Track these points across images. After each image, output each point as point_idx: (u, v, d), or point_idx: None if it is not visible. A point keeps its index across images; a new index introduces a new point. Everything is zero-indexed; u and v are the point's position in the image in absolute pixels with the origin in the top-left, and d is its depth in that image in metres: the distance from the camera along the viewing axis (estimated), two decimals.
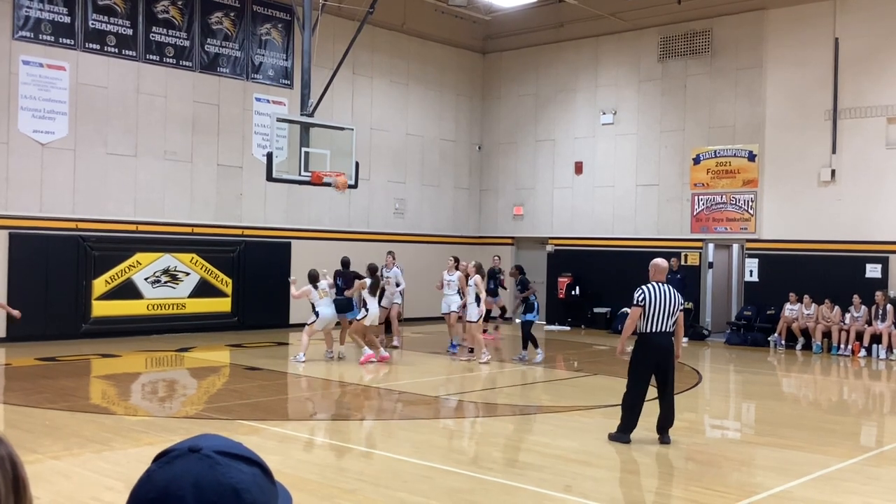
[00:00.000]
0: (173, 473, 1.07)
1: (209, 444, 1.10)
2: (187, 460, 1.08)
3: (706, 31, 20.37)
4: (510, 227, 23.95)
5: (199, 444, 1.10)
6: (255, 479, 1.09)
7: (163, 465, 1.09)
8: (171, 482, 1.06)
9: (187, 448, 1.10)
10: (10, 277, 15.86)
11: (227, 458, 1.08)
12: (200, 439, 1.12)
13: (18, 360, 13.86)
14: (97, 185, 16.98)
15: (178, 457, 1.09)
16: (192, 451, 1.09)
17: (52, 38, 16.31)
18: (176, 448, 1.11)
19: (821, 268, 18.31)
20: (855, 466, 8.15)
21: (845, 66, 18.33)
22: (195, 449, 1.09)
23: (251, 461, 1.11)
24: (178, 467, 1.07)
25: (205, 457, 1.08)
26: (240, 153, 19.16)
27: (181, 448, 1.10)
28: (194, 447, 1.09)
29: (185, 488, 1.05)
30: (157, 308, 17.59)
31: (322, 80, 16.08)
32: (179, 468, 1.07)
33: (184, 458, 1.08)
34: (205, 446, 1.09)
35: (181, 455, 1.09)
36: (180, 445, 1.11)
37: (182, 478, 1.05)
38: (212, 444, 1.10)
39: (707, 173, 20.25)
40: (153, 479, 1.08)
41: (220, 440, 1.12)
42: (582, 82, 22.53)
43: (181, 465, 1.07)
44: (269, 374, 13.33)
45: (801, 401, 13.40)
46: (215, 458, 1.08)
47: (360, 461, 8.21)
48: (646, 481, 7.44)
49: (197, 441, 1.11)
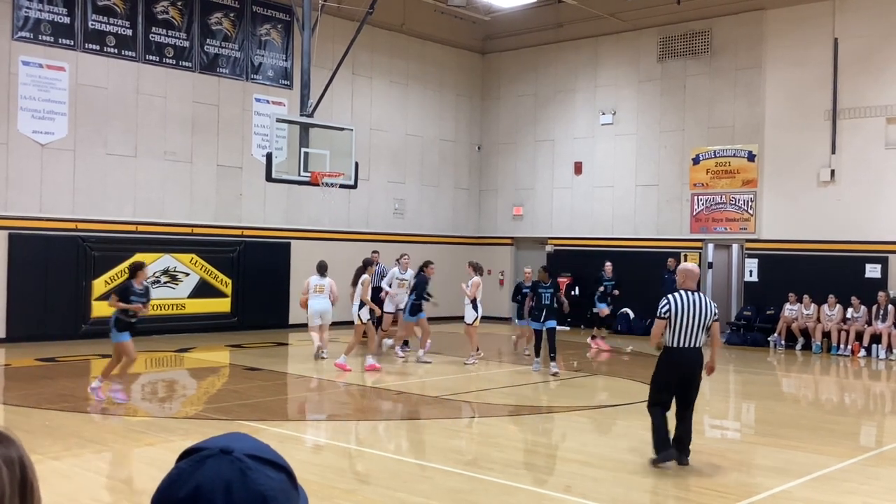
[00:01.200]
0: (204, 475, 1.06)
1: (240, 447, 1.10)
2: (219, 462, 1.08)
3: (705, 31, 20.39)
4: (510, 227, 23.96)
5: (231, 445, 1.10)
6: (282, 486, 1.09)
7: (193, 463, 1.09)
8: (202, 484, 1.06)
9: (219, 449, 1.09)
10: (10, 278, 15.86)
11: (257, 463, 1.08)
12: (232, 440, 1.12)
13: (18, 361, 13.86)
14: (97, 186, 16.98)
15: (209, 457, 1.09)
16: (224, 453, 1.09)
17: (51, 39, 16.31)
18: (207, 447, 1.10)
19: (820, 268, 18.32)
20: (855, 466, 8.15)
21: (845, 66, 18.34)
22: (227, 451, 1.09)
23: (279, 466, 1.11)
24: (210, 469, 1.07)
25: (236, 460, 1.08)
26: (239, 153, 19.17)
27: (212, 448, 1.10)
28: (226, 449, 1.09)
29: (216, 492, 1.05)
30: (157, 308, 17.58)
31: (321, 80, 16.09)
32: (211, 470, 1.07)
33: (215, 460, 1.08)
34: (236, 448, 1.09)
35: (212, 456, 1.09)
36: (211, 444, 1.11)
37: (213, 481, 1.05)
38: (243, 447, 1.10)
39: (706, 173, 20.25)
40: (183, 477, 1.08)
41: (250, 442, 1.12)
42: (581, 82, 22.54)
43: (213, 466, 1.07)
44: (269, 375, 13.33)
45: (800, 401, 13.40)
46: (247, 462, 1.08)
47: (359, 461, 8.22)
48: (645, 481, 7.45)
49: (229, 442, 1.11)
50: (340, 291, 15.35)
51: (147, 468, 7.78)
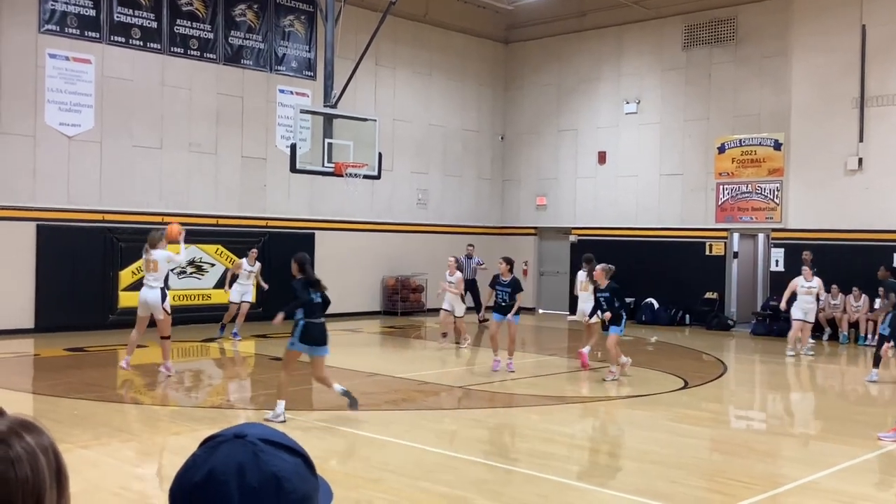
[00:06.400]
0: (218, 458, 1.10)
1: (254, 432, 1.13)
2: (232, 446, 1.11)
3: (731, 18, 20.18)
4: (533, 217, 23.90)
5: (245, 431, 1.14)
6: (296, 469, 1.12)
7: (208, 449, 1.12)
8: (215, 467, 1.09)
9: (232, 434, 1.13)
10: (38, 269, 16.05)
11: (270, 447, 1.12)
12: (245, 427, 1.15)
13: (47, 351, 14.03)
14: (123, 177, 17.13)
15: (223, 442, 1.12)
16: (237, 438, 1.12)
17: (77, 32, 16.44)
18: (222, 434, 1.14)
19: (847, 257, 18.11)
20: (882, 457, 8.08)
21: (872, 53, 18.09)
22: (240, 435, 1.13)
23: (294, 451, 1.14)
24: (223, 452, 1.11)
25: (249, 444, 1.11)
26: (263, 145, 19.25)
27: (226, 434, 1.14)
28: (239, 434, 1.13)
29: (228, 473, 1.08)
30: (183, 299, 17.73)
31: (345, 71, 16.11)
32: (224, 453, 1.10)
33: (229, 444, 1.12)
34: (249, 433, 1.13)
35: (226, 441, 1.12)
36: (226, 432, 1.15)
37: (226, 463, 1.09)
38: (256, 433, 1.14)
39: (732, 162, 20.08)
40: (198, 463, 1.11)
41: (264, 429, 1.16)
42: (605, 71, 22.40)
43: (226, 450, 1.11)
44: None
45: (827, 391, 13.29)
46: (259, 445, 1.11)
47: (383, 451, 8.25)
48: (671, 472, 7.42)
49: (242, 428, 1.15)
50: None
51: (174, 457, 7.86)
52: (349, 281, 20.37)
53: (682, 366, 14.08)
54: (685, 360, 15.11)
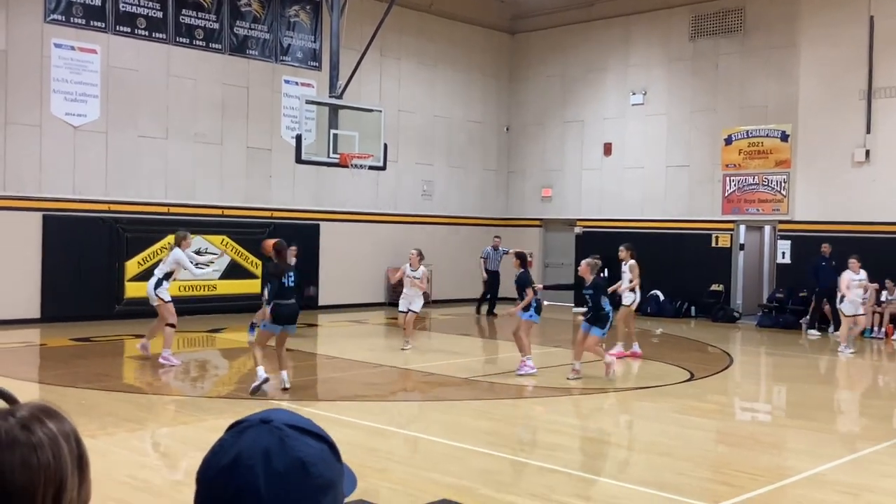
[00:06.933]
0: (244, 443, 1.10)
1: (280, 418, 1.14)
2: (258, 431, 1.12)
3: (739, 9, 20.09)
4: (538, 208, 23.86)
5: (271, 416, 1.14)
6: (322, 455, 1.13)
7: (235, 434, 1.13)
8: (242, 451, 1.09)
9: (259, 420, 1.14)
10: (45, 259, 16.08)
11: (296, 432, 1.12)
12: (272, 412, 1.16)
13: (54, 341, 14.07)
14: (129, 168, 17.13)
15: (249, 427, 1.13)
16: (264, 423, 1.13)
17: (83, 22, 16.42)
18: (248, 419, 1.15)
19: (854, 249, 18.01)
20: (888, 449, 8.07)
21: (881, 44, 18.00)
22: (266, 420, 1.13)
23: (320, 437, 1.15)
24: (249, 437, 1.11)
25: (275, 429, 1.12)
26: (269, 135, 19.24)
27: (253, 419, 1.14)
28: (266, 419, 1.13)
29: (255, 458, 1.08)
30: (189, 289, 17.74)
31: (350, 61, 16.07)
32: (250, 438, 1.11)
33: (255, 429, 1.12)
34: (276, 419, 1.13)
35: (253, 426, 1.13)
36: (252, 417, 1.15)
37: (252, 448, 1.09)
38: (282, 418, 1.14)
39: (739, 154, 20.02)
40: (225, 447, 1.12)
41: (290, 415, 1.16)
42: (611, 62, 22.32)
43: (252, 435, 1.11)
44: (299, 356, 13.41)
45: (833, 383, 13.27)
46: (285, 430, 1.12)
47: (390, 441, 8.26)
48: (677, 464, 7.42)
49: (268, 413, 1.15)
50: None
51: (180, 446, 7.89)
52: (354, 272, 20.39)
53: (688, 358, 14.07)
54: (691, 352, 15.10)
